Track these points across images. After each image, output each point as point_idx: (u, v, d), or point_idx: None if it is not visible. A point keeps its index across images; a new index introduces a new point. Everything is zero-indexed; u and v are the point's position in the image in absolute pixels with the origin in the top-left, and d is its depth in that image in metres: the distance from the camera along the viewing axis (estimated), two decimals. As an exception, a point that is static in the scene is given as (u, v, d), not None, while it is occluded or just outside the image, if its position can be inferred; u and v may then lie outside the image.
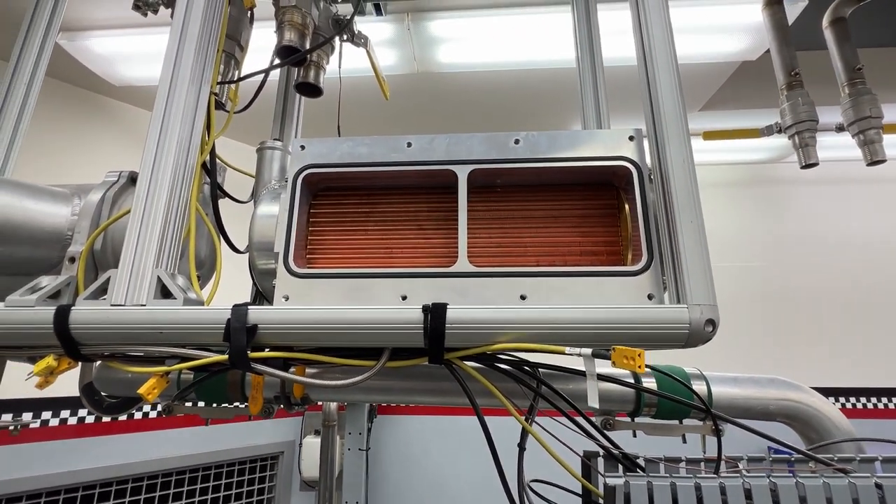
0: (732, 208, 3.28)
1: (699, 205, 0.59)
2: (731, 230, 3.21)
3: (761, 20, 1.60)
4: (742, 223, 3.23)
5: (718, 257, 2.80)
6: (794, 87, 1.48)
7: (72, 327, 0.59)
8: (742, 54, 2.15)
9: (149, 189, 0.64)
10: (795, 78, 1.49)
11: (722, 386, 0.85)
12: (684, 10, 1.90)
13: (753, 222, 3.23)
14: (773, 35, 1.55)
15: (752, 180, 3.32)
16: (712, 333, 0.55)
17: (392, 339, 0.58)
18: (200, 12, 0.73)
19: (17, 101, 1.11)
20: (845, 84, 1.45)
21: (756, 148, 3.11)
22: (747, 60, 2.17)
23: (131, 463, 2.37)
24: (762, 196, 3.29)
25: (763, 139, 2.54)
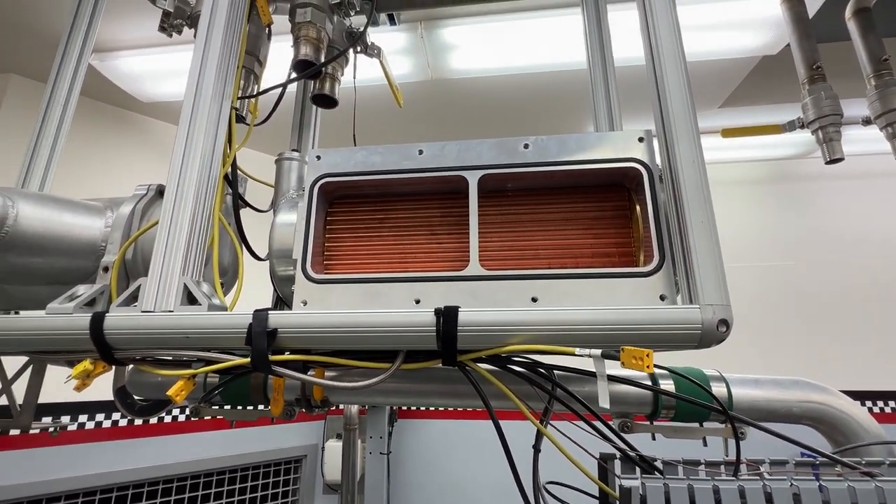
0: (757, 206, 3.19)
1: (710, 204, 0.59)
2: (755, 229, 3.12)
3: (780, 14, 1.56)
4: (767, 221, 3.14)
5: (743, 257, 2.74)
6: (817, 81, 1.44)
7: (106, 333, 0.62)
8: (762, 49, 2.11)
9: (175, 201, 0.67)
10: (817, 71, 1.45)
11: (742, 388, 0.84)
12: (702, 6, 1.88)
13: (779, 220, 3.14)
14: (792, 28, 1.51)
15: (778, 177, 3.22)
16: (726, 334, 0.54)
17: (406, 342, 0.60)
18: (221, 31, 0.76)
19: (55, 120, 1.17)
20: (871, 76, 1.40)
21: (781, 143, 3.02)
22: (768, 55, 2.12)
23: (162, 465, 2.45)
24: (789, 193, 3.19)
25: (789, 134, 2.48)
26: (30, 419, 0.96)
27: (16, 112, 2.36)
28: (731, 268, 2.04)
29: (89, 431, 2.28)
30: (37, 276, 0.75)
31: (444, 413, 3.20)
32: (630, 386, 0.82)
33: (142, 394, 0.97)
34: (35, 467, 2.11)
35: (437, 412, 3.22)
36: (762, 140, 2.82)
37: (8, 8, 1.95)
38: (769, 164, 3.24)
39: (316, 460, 3.06)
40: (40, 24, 2.04)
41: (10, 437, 2.09)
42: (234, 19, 0.78)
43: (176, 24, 0.92)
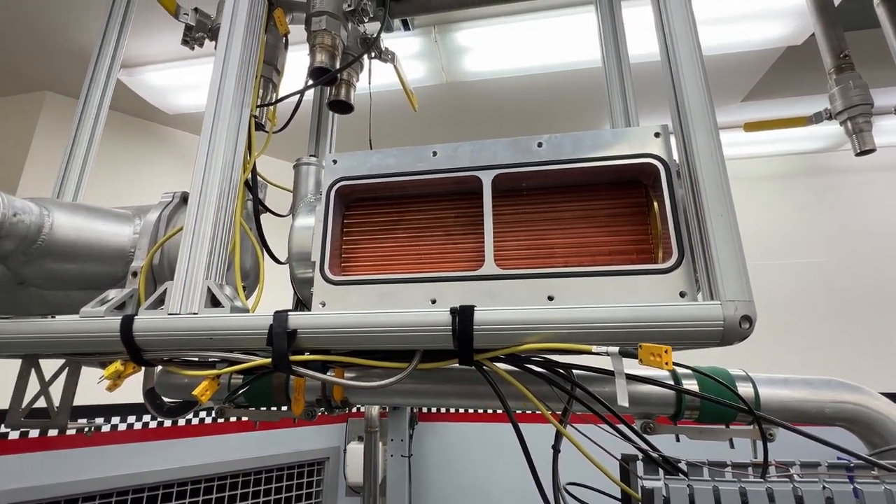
0: (785, 202, 3.09)
1: (730, 197, 0.57)
2: (783, 225, 3.02)
3: (804, 2, 1.52)
4: (796, 217, 3.03)
5: (771, 254, 2.66)
6: (844, 70, 1.39)
7: (135, 335, 0.65)
8: (785, 39, 2.05)
9: (198, 207, 0.70)
10: (845, 60, 1.40)
11: (770, 388, 0.81)
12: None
13: (809, 216, 3.02)
14: (817, 16, 1.47)
15: (806, 171, 3.11)
16: (749, 330, 0.53)
17: (422, 342, 0.60)
18: (240, 42, 0.79)
19: (87, 133, 1.23)
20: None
21: (808, 137, 2.92)
22: (792, 45, 2.05)
23: (191, 466, 2.51)
24: (818, 187, 3.08)
25: (817, 127, 2.39)
26: (66, 420, 1.00)
27: (52, 127, 2.47)
28: (759, 265, 2.01)
29: (121, 433, 2.36)
30: (71, 281, 0.78)
31: (465, 416, 3.19)
32: (652, 385, 0.81)
33: (170, 395, 1.00)
34: (72, 467, 2.20)
35: (457, 414, 3.22)
36: (788, 134, 2.73)
37: (43, 29, 2.05)
38: (796, 158, 3.14)
39: (338, 462, 3.09)
40: (72, 44, 2.14)
41: (48, 438, 2.18)
42: (252, 30, 0.81)
43: (198, 37, 0.96)
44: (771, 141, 2.87)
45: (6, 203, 0.68)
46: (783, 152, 3.08)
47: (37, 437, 2.17)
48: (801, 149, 3.09)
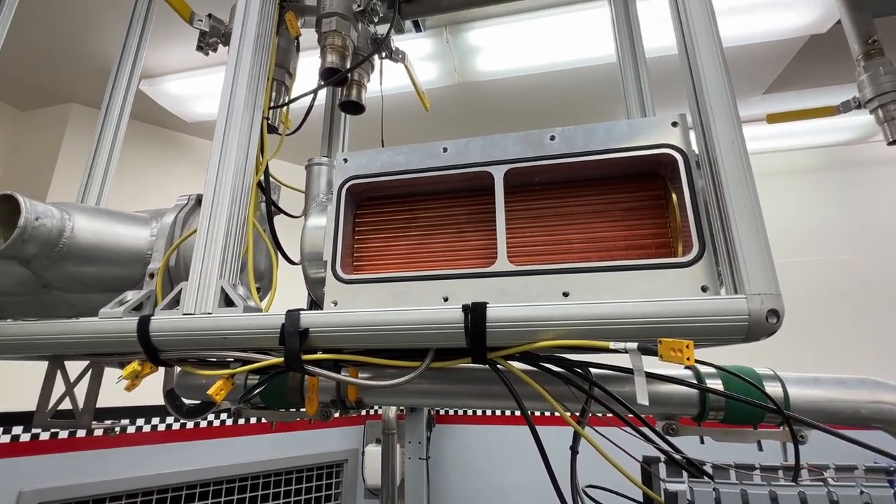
0: (812, 197, 2.98)
1: (753, 188, 0.55)
2: (811, 221, 2.91)
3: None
4: (824, 212, 2.92)
5: (800, 251, 2.56)
6: (874, 56, 1.33)
7: (152, 335, 0.66)
8: (809, 28, 1.98)
9: (211, 209, 0.70)
10: (874, 46, 1.34)
11: (801, 387, 0.77)
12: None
13: (837, 210, 2.91)
14: (843, 2, 1.41)
15: (834, 164, 3.00)
16: (777, 325, 0.50)
17: (434, 339, 0.59)
18: (251, 45, 0.80)
19: (108, 141, 1.26)
20: (936, 47, 1.28)
21: (835, 128, 2.81)
22: (816, 34, 1.98)
23: (212, 467, 2.56)
24: (846, 181, 2.96)
25: (843, 119, 2.30)
26: (90, 420, 1.03)
27: (78, 137, 2.56)
28: (787, 263, 1.95)
29: (144, 434, 2.41)
30: (92, 283, 0.80)
31: (482, 418, 3.16)
32: (673, 385, 0.78)
33: (189, 396, 1.01)
34: (99, 468, 2.26)
35: (474, 417, 3.19)
36: (812, 126, 2.63)
37: (69, 43, 2.13)
38: (823, 151, 3.02)
39: (356, 465, 3.10)
40: (97, 57, 2.21)
41: (76, 439, 2.25)
42: (263, 33, 0.81)
43: (211, 43, 0.97)
44: (793, 134, 2.77)
45: (28, 208, 0.70)
46: (806, 145, 2.97)
47: (66, 437, 2.23)
48: (825, 141, 2.98)
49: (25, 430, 2.16)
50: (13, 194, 0.70)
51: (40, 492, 2.11)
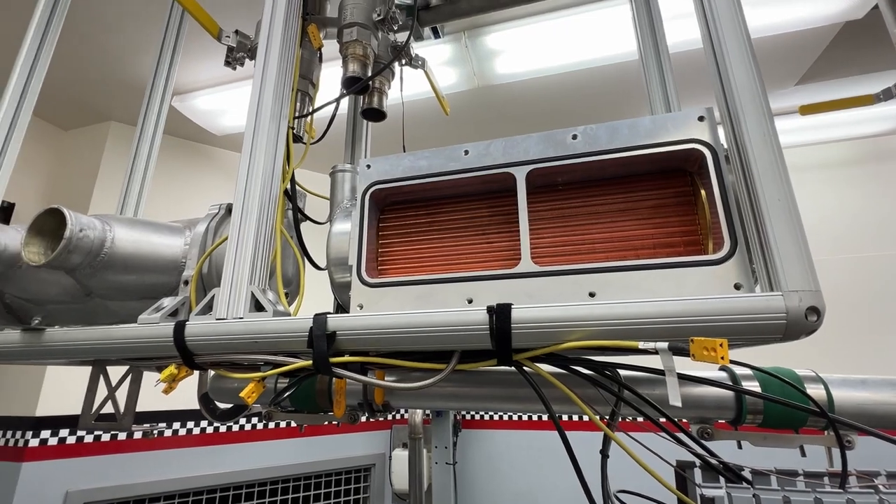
0: (848, 191, 2.83)
1: (788, 181, 0.53)
2: (848, 216, 2.77)
3: (864, -28, 1.40)
4: (861, 207, 2.77)
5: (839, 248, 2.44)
6: (916, 41, 1.26)
7: (187, 339, 0.68)
8: (844, 14, 1.89)
9: (241, 217, 0.73)
10: (916, 29, 1.27)
11: (846, 389, 0.73)
12: None
13: (875, 205, 2.76)
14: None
15: (872, 156, 2.85)
16: (817, 323, 0.48)
17: (459, 341, 0.59)
18: (276, 58, 0.82)
19: (144, 156, 1.32)
20: None
21: (873, 118, 2.67)
22: (851, 20, 1.90)
23: (244, 470, 2.62)
24: (886, 174, 2.80)
25: (881, 108, 2.19)
26: (130, 423, 1.07)
27: (117, 152, 2.69)
28: (824, 261, 1.86)
29: (181, 437, 2.50)
30: (131, 291, 0.83)
31: (508, 423, 3.13)
32: (706, 387, 0.75)
33: (222, 399, 1.04)
34: (140, 470, 2.35)
35: (500, 422, 3.16)
36: (849, 116, 2.50)
37: (107, 64, 2.24)
38: (859, 142, 2.87)
39: (384, 469, 3.12)
40: (133, 76, 2.32)
41: (118, 443, 2.34)
42: (287, 46, 0.84)
43: (239, 58, 1.01)
44: (827, 126, 2.64)
45: (73, 220, 0.74)
46: (841, 137, 2.83)
47: (108, 440, 2.33)
48: (862, 133, 2.83)
49: (71, 433, 2.27)
50: (59, 208, 0.74)
51: (86, 492, 2.21)
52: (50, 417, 2.23)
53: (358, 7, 0.94)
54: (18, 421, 2.22)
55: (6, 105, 1.06)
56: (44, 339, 0.78)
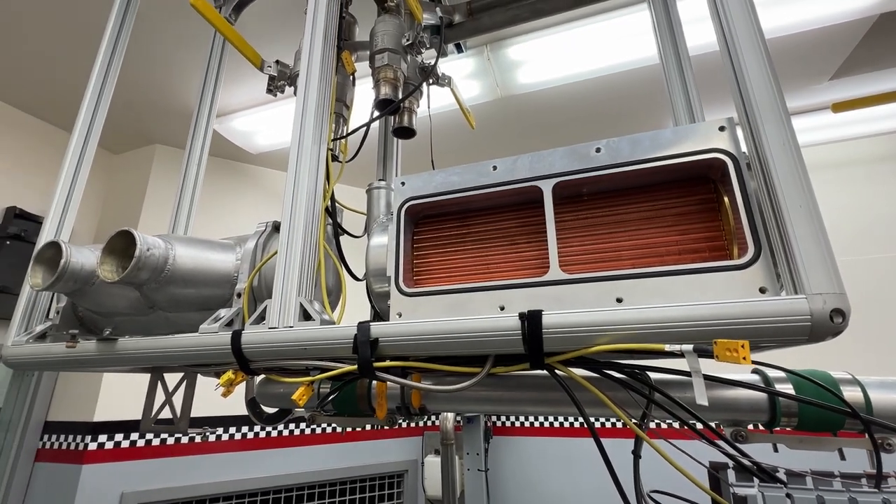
0: (884, 188, 2.70)
1: (809, 187, 0.55)
2: (882, 214, 2.64)
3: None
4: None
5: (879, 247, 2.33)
6: (954, 32, 1.23)
7: (243, 347, 0.75)
8: (878, 6, 1.84)
9: (289, 234, 0.79)
10: (953, 21, 1.24)
11: (884, 391, 0.73)
12: None
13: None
14: (913, -22, 1.32)
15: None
16: (843, 325, 0.50)
17: (493, 346, 0.63)
18: (315, 87, 0.89)
19: (192, 179, 1.42)
20: None
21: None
22: (886, 12, 1.84)
23: (283, 475, 2.72)
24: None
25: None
26: (186, 425, 1.15)
27: (163, 174, 2.87)
28: (860, 261, 1.81)
29: (224, 443, 2.62)
30: (190, 303, 0.91)
31: (539, 430, 3.12)
32: (739, 389, 0.76)
33: (268, 403, 1.11)
34: (189, 473, 2.48)
35: (532, 428, 3.15)
36: (884, 110, 2.40)
37: (153, 91, 2.41)
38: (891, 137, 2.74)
39: (417, 475, 3.16)
40: (176, 101, 2.49)
41: (169, 447, 2.48)
42: (325, 75, 0.91)
43: (280, 86, 1.09)
44: (863, 121, 2.54)
45: (142, 240, 0.82)
46: (882, 131, 2.71)
47: (159, 445, 2.47)
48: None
49: (125, 438, 2.42)
50: (129, 230, 0.83)
51: (139, 493, 2.35)
52: (106, 423, 2.39)
53: (388, 34, 1.00)
54: (78, 426, 2.39)
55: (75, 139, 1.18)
56: (117, 347, 0.86)
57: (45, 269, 0.92)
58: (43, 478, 2.41)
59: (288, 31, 1.98)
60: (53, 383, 2.61)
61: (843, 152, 2.80)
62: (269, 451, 2.70)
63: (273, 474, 2.67)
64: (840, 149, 2.79)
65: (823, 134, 2.70)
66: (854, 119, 2.55)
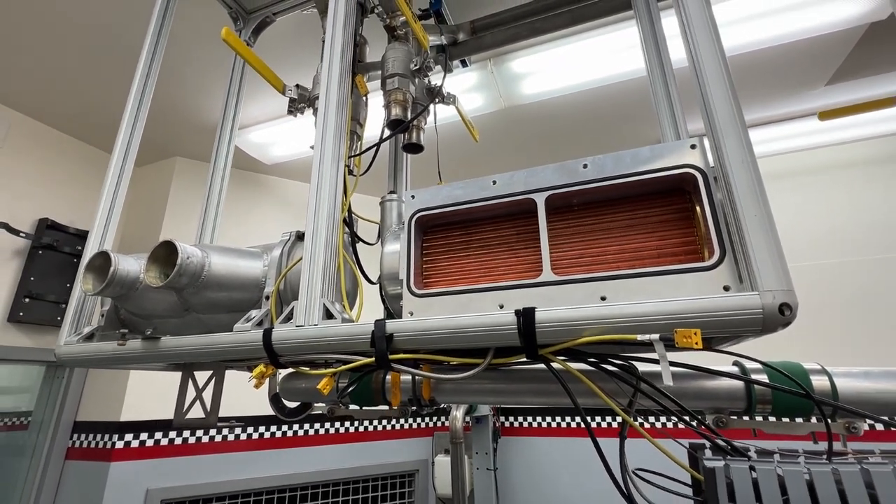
0: (883, 190, 2.74)
1: (764, 199, 0.63)
2: (881, 216, 2.68)
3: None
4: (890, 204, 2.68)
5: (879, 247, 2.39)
6: (931, 44, 1.30)
7: (273, 343, 0.85)
8: (868, 16, 1.92)
9: (313, 242, 0.89)
10: (931, 33, 1.31)
11: (849, 380, 0.81)
12: None
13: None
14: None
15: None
16: (791, 317, 0.58)
17: (493, 339, 0.72)
18: (334, 110, 1.00)
19: (217, 189, 1.54)
20: None
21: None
22: (876, 21, 1.91)
23: (298, 473, 2.82)
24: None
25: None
26: (215, 419, 1.26)
27: (183, 185, 3.01)
28: (863, 261, 1.91)
29: (243, 442, 2.73)
30: (222, 306, 1.02)
31: (547, 430, 3.19)
32: (720, 380, 0.85)
33: (291, 398, 1.21)
34: (209, 471, 2.60)
35: (538, 429, 3.22)
36: (885, 113, 2.45)
37: (173, 105, 2.55)
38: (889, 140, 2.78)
39: (427, 474, 3.24)
40: (195, 115, 2.62)
41: (190, 446, 2.60)
42: (342, 99, 1.01)
43: (300, 107, 1.20)
44: (862, 124, 2.59)
45: (182, 249, 0.93)
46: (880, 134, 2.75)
47: (180, 444, 2.59)
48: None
49: (150, 437, 2.54)
50: (172, 240, 0.94)
51: (163, 490, 2.47)
52: (132, 422, 2.51)
53: (398, 60, 1.11)
54: (106, 426, 2.52)
55: (115, 158, 1.30)
56: (160, 345, 0.97)
57: (95, 277, 1.03)
58: (73, 475, 2.54)
59: (300, 50, 2.10)
60: (82, 386, 2.75)
61: (845, 154, 2.84)
62: (284, 451, 2.81)
63: (287, 473, 2.77)
64: (840, 151, 2.84)
65: (822, 137, 2.76)
66: (852, 123, 2.60)
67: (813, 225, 2.78)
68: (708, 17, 0.76)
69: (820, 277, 2.67)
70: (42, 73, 2.33)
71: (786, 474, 0.62)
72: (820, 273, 2.68)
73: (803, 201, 2.86)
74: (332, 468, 2.90)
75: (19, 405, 2.61)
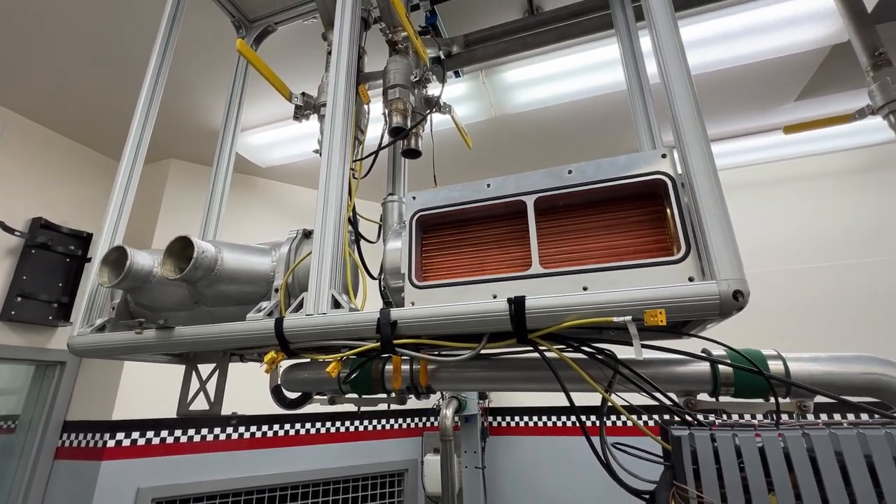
0: (862, 197, 2.93)
1: (723, 201, 0.73)
2: (871, 222, 2.85)
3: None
4: (877, 212, 2.86)
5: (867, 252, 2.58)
6: (881, 67, 1.45)
7: (285, 331, 0.92)
8: (830, 38, 2.08)
9: (321, 239, 0.97)
10: (881, 58, 1.46)
11: (801, 363, 0.91)
12: (766, 8, 1.96)
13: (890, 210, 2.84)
14: (848, 21, 1.54)
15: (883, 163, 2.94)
16: (743, 302, 0.68)
17: (487, 325, 0.81)
18: (340, 116, 1.08)
19: (219, 191, 1.60)
20: (942, 54, 1.37)
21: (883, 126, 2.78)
22: (837, 44, 2.07)
23: (288, 472, 2.85)
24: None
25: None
26: (219, 409, 1.31)
27: (177, 187, 3.05)
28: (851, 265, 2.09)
29: (232, 441, 2.75)
30: (233, 299, 1.09)
31: (534, 429, 3.27)
32: (690, 365, 0.94)
33: (292, 389, 1.28)
34: (197, 470, 2.62)
35: (525, 428, 3.31)
36: (858, 125, 2.63)
37: (169, 109, 2.60)
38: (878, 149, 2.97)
39: (417, 474, 3.29)
40: (190, 118, 2.68)
41: (179, 445, 2.62)
42: (347, 108, 1.09)
43: (306, 114, 1.28)
44: (836, 136, 2.77)
45: (197, 245, 1.00)
46: (855, 146, 2.94)
47: (171, 443, 2.61)
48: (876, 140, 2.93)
49: (141, 436, 2.56)
50: (187, 235, 1.01)
51: (154, 489, 2.48)
52: (124, 421, 2.53)
53: (399, 72, 1.20)
54: (98, 425, 2.53)
55: (125, 161, 1.36)
56: (175, 334, 1.03)
57: (111, 270, 1.09)
58: (63, 474, 2.53)
59: (301, 57, 2.18)
60: (72, 386, 2.75)
61: (812, 166, 3.02)
62: (274, 451, 2.84)
63: (278, 472, 2.80)
64: (808, 163, 3.02)
65: (793, 149, 2.93)
66: (824, 136, 2.77)
67: (810, 227, 2.94)
68: (677, 43, 0.87)
69: (786, 281, 2.83)
70: (36, 74, 2.36)
71: (741, 441, 0.72)
72: (787, 277, 2.84)
73: (779, 208, 3.03)
74: (322, 467, 2.94)
75: (5, 409, 2.60)
